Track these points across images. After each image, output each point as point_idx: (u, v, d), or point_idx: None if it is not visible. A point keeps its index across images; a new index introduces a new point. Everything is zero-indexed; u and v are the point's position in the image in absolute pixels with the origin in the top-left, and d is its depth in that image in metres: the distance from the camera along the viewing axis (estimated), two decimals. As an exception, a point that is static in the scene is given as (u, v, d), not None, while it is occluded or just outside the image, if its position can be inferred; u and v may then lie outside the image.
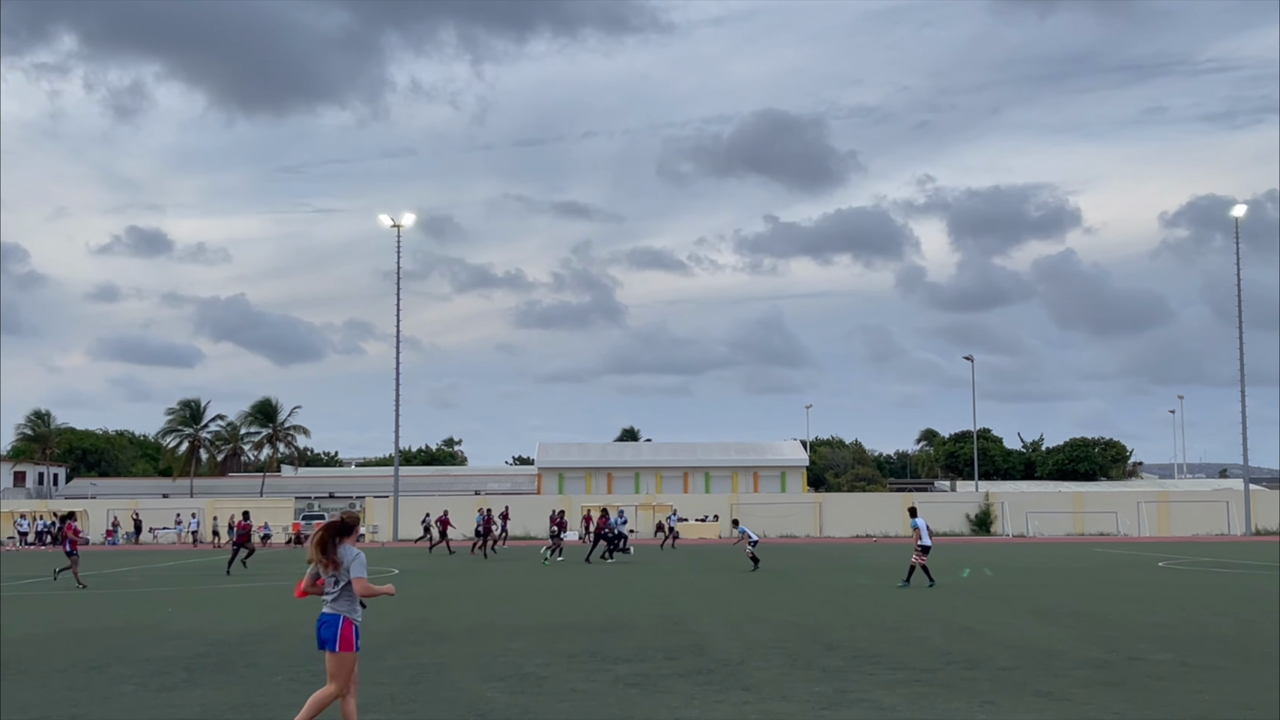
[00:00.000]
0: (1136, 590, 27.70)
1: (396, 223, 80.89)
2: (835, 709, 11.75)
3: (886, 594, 27.24)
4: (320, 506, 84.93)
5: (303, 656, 16.14)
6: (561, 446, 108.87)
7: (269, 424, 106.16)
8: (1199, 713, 11.40)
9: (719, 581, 32.08)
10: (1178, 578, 32.54)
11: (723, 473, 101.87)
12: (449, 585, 31.87)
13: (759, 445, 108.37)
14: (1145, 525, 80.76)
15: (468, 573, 38.44)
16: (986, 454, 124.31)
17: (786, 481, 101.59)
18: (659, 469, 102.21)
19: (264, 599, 27.41)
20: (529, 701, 12.31)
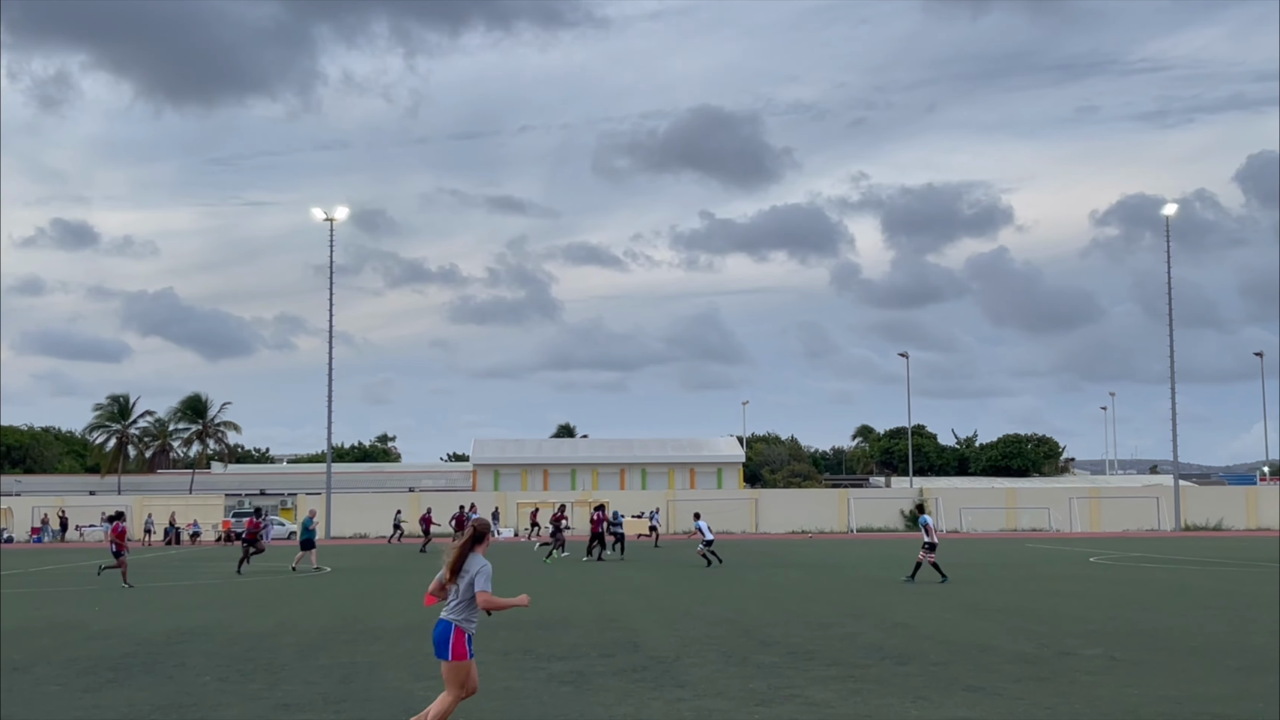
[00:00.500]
0: (1067, 585, 28.00)
1: (329, 216, 79.93)
2: (769, 705, 11.73)
3: (820, 590, 27.35)
4: (251, 504, 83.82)
5: (231, 655, 15.93)
6: (497, 443, 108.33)
7: (199, 420, 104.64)
8: (1127, 707, 11.49)
9: (654, 578, 32.07)
10: (1108, 573, 32.94)
11: (659, 469, 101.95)
12: (382, 583, 31.61)
13: (695, 441, 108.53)
14: (1077, 521, 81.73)
15: (402, 570, 38.17)
16: (921, 450, 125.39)
17: (723, 478, 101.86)
18: (595, 465, 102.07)
19: (192, 598, 27.04)
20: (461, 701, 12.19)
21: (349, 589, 28.92)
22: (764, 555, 45.83)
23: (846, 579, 30.81)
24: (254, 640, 17.75)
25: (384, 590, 28.60)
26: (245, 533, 37.28)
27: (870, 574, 33.18)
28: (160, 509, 77.38)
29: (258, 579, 33.96)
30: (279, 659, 15.57)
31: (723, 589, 27.80)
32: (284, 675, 14.09)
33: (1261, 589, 26.26)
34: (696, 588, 28.20)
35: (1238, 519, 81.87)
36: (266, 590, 29.14)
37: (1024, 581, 29.38)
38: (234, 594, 27.95)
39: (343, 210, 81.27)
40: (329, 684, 13.37)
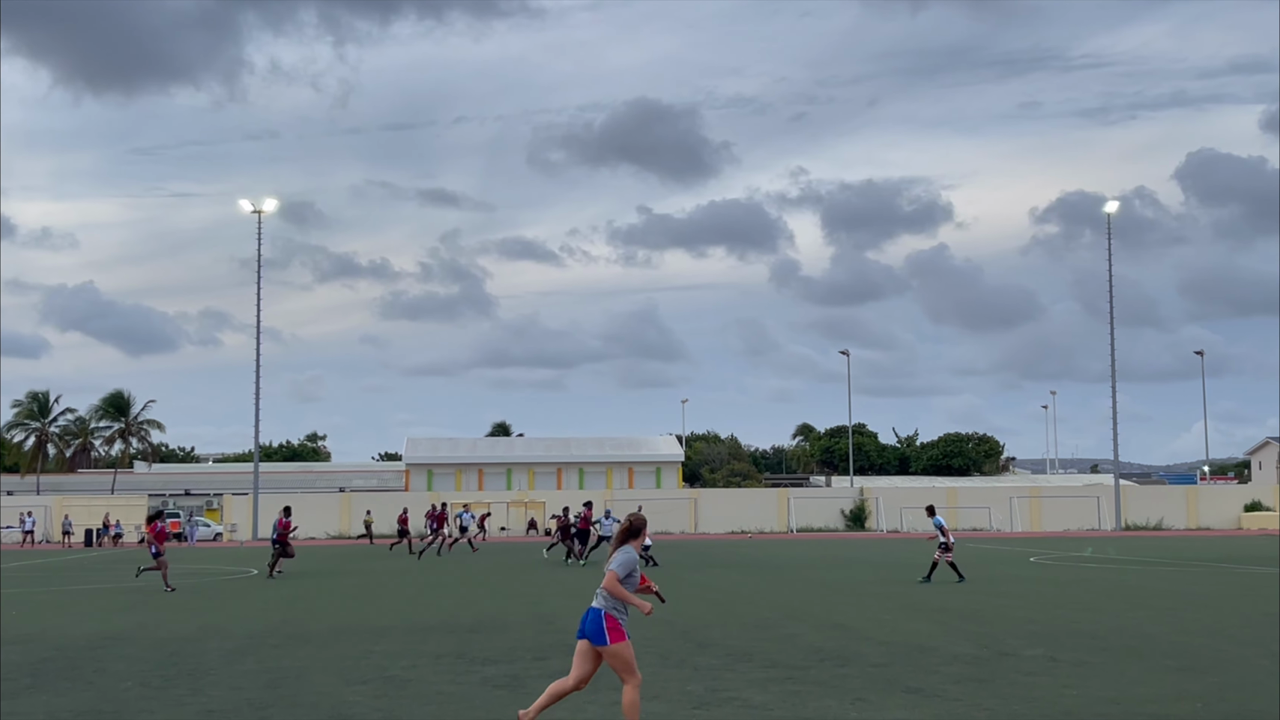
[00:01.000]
0: (1008, 586, 28.07)
1: (257, 208, 78.49)
2: (707, 708, 11.59)
3: (760, 591, 27.23)
4: (175, 504, 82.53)
5: (154, 660, 15.53)
6: (430, 441, 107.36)
7: (121, 418, 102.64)
8: (1066, 708, 11.45)
9: (594, 580, 31.78)
10: (1048, 573, 33.09)
11: (597, 469, 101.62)
12: (311, 586, 31.13)
13: (634, 440, 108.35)
14: (1018, 520, 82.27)
15: (331, 573, 37.66)
16: (862, 449, 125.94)
17: (662, 477, 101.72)
18: (531, 465, 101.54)
19: (114, 601, 26.46)
20: (393, 705, 11.95)
21: (277, 592, 28.43)
22: (703, 556, 45.72)
23: (786, 580, 30.71)
24: (178, 645, 17.31)
25: (313, 593, 28.13)
26: (276, 534, 35.35)
27: (810, 575, 33.12)
28: (80, 510, 75.74)
29: (181, 582, 33.35)
30: (203, 664, 15.19)
31: (661, 590, 27.54)
32: (209, 681, 13.77)
33: (1201, 589, 26.45)
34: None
35: (1178, 519, 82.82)
36: (191, 593, 28.60)
37: (965, 582, 29.40)
38: (157, 597, 27.39)
39: (271, 202, 79.85)
40: (255, 689, 13.07)
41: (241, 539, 74.89)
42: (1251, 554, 43.05)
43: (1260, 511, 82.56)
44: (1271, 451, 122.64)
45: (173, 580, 30.16)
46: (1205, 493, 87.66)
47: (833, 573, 33.24)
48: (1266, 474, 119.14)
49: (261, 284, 78.02)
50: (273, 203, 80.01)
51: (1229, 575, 31.20)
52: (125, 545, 68.64)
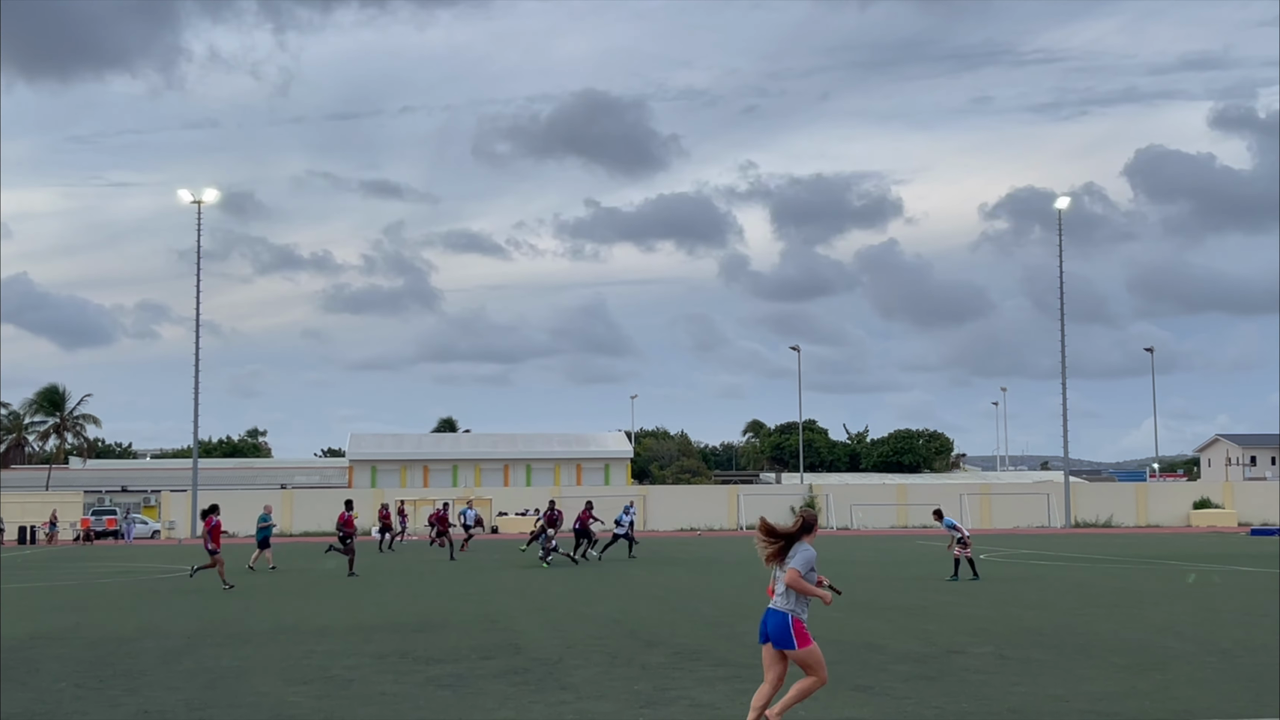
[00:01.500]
0: (956, 583, 28.11)
1: (197, 198, 77.34)
2: (654, 707, 11.49)
3: (709, 589, 27.12)
4: (112, 501, 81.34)
5: (89, 660, 15.22)
6: (375, 438, 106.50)
7: (56, 413, 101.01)
8: (1014, 705, 11.43)
9: (540, 579, 31.58)
10: (997, 570, 33.22)
11: (545, 465, 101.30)
12: (251, 584, 30.72)
13: (582, 436, 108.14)
14: (968, 517, 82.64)
15: (271, 572, 37.21)
16: (812, 446, 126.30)
17: (610, 474, 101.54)
18: (478, 461, 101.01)
19: (48, 600, 25.98)
20: (334, 706, 11.77)
21: (217, 591, 27.99)
22: (652, 553, 45.61)
23: (735, 577, 30.62)
24: (114, 645, 16.97)
25: (253, 592, 27.74)
26: (341, 530, 33.83)
27: (760, 572, 33.04)
28: (13, 506, 74.40)
29: (118, 580, 32.83)
30: (140, 664, 14.89)
31: (609, 589, 27.44)
32: (145, 681, 13.51)
33: (1150, 586, 26.61)
34: (582, 588, 27.81)
35: (1127, 516, 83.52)
36: (128, 592, 28.13)
37: (914, 579, 29.47)
38: (93, 596, 26.93)
39: (212, 193, 78.59)
40: (193, 689, 12.83)
41: (180, 536, 73.95)
42: (1200, 551, 43.48)
43: (1209, 509, 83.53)
44: (1220, 449, 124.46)
45: (108, 578, 29.64)
46: (1155, 490, 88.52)
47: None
48: (1216, 471, 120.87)
49: (201, 276, 77.03)
50: (213, 193, 78.84)
51: (1178, 572, 31.43)
52: (61, 543, 67.56)
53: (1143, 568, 33.19)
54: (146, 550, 55.87)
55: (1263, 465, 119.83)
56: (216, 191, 79.66)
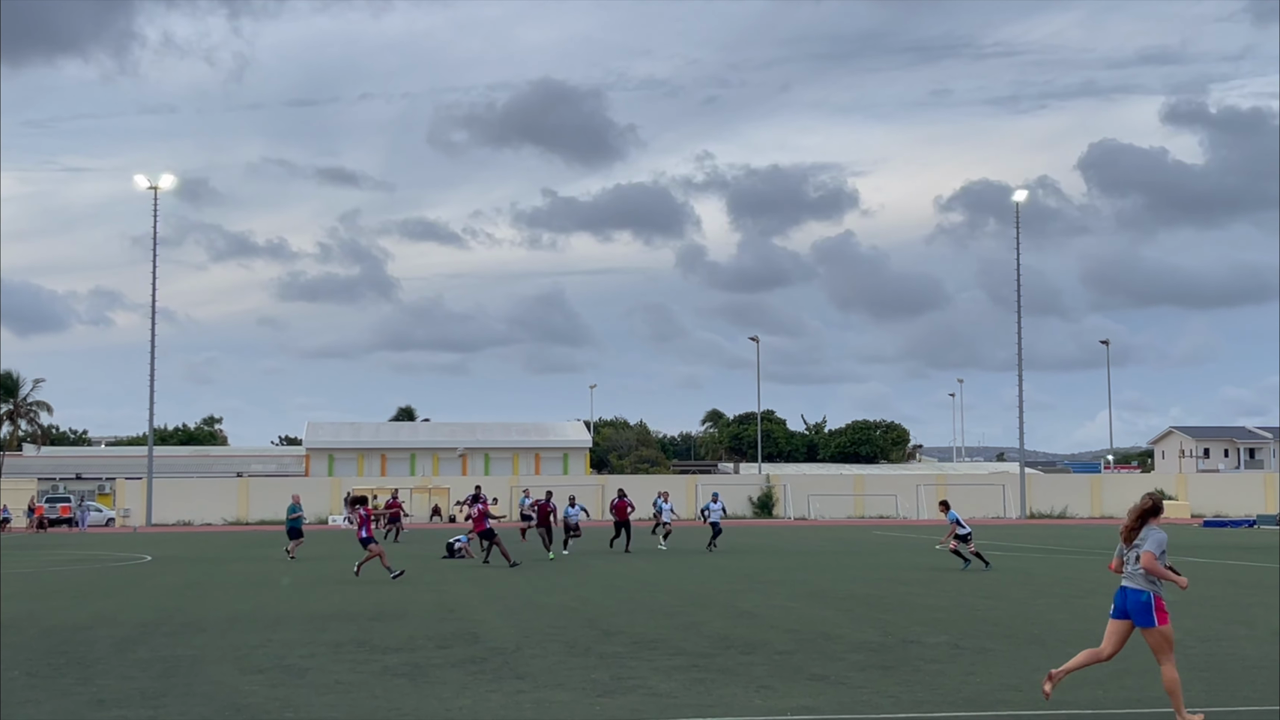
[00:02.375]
0: (912, 573, 28.29)
1: (153, 184, 76.55)
2: (611, 696, 11.49)
3: (665, 578, 27.16)
4: (66, 488, 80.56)
5: (42, 649, 15.09)
6: (332, 426, 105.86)
7: (9, 399, 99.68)
8: (969, 695, 11.52)
9: (497, 569, 31.51)
10: (953, 561, 33.37)
11: (503, 454, 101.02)
12: (206, 573, 30.51)
13: (541, 426, 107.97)
14: (924, 508, 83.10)
15: (224, 559, 36.96)
16: (771, 436, 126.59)
17: (569, 463, 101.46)
18: (436, 450, 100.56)
19: (1, 588, 25.64)
20: (290, 694, 11.71)
21: (171, 580, 27.81)
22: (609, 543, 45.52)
23: (693, 567, 30.68)
24: (67, 633, 16.81)
25: (208, 581, 27.55)
26: (387, 514, 31.80)
27: (717, 562, 33.15)
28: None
29: (72, 568, 32.54)
30: (93, 653, 14.76)
31: (566, 578, 27.44)
32: (99, 670, 13.40)
33: (1103, 577, 26.78)
34: (539, 577, 27.79)
35: (1082, 507, 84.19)
36: (80, 581, 27.87)
37: (870, 569, 29.61)
38: (46, 585, 26.65)
39: (168, 179, 78.04)
40: (147, 679, 12.73)
41: (135, 524, 73.33)
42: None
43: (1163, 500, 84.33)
44: (1174, 441, 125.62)
45: (62, 566, 29.23)
46: (1109, 481, 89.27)
47: (739, 560, 33.29)
48: (1169, 463, 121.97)
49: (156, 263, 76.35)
50: (170, 179, 78.29)
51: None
52: (13, 530, 66.83)
53: (1096, 559, 33.48)
54: (101, 538, 55.40)
55: (1215, 458, 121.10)
56: (173, 178, 79.12)
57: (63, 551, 41.53)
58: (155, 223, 76.15)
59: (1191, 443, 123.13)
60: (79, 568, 32.43)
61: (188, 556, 38.02)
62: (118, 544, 48.10)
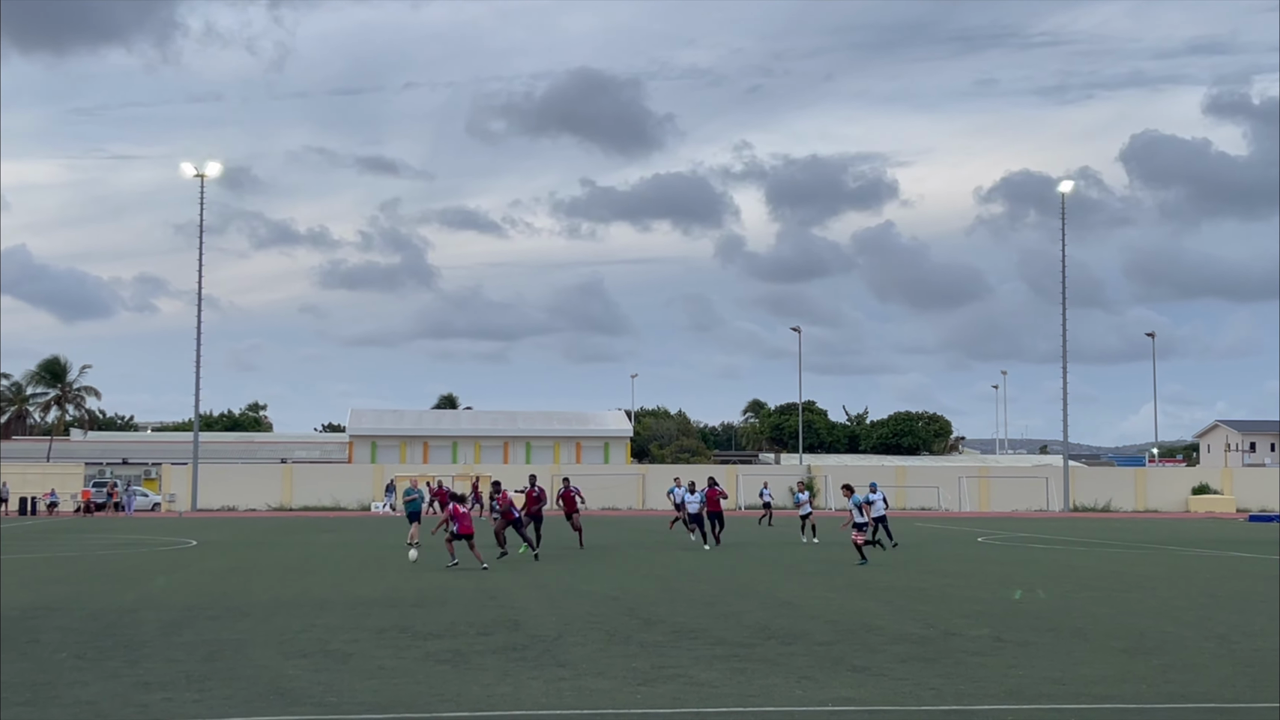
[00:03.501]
0: (954, 565, 28.16)
1: (200, 172, 76.89)
2: (652, 685, 11.48)
3: (706, 567, 27.15)
4: (113, 473, 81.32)
5: (89, 632, 15.25)
6: (375, 413, 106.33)
7: (57, 384, 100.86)
8: (1011, 688, 11.43)
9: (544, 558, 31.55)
10: (996, 553, 33.26)
11: (544, 443, 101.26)
12: (250, 557, 30.75)
13: (582, 415, 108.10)
14: (966, 500, 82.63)
15: (269, 544, 37.25)
16: (812, 427, 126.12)
17: (610, 452, 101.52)
18: (478, 438, 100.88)
19: (49, 571, 25.99)
20: (333, 679, 11.77)
21: (216, 564, 28.05)
22: (650, 533, 45.62)
23: (733, 557, 30.65)
24: (113, 616, 17.00)
25: (252, 565, 27.78)
26: (481, 503, 30.53)
27: (757, 552, 33.11)
28: (14, 477, 74.39)
29: (119, 552, 32.89)
30: (140, 636, 14.92)
31: (607, 567, 27.50)
32: (145, 653, 13.53)
33: (1147, 571, 26.64)
34: (580, 565, 27.86)
35: (1126, 500, 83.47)
36: (127, 564, 28.18)
37: (911, 561, 29.48)
38: (92, 568, 26.96)
39: (214, 166, 78.15)
40: (192, 662, 12.84)
41: (180, 509, 74.03)
42: (1198, 537, 43.56)
43: (1208, 494, 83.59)
44: (1220, 435, 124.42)
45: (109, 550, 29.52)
46: (1154, 475, 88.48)
47: (780, 551, 33.23)
48: (1215, 457, 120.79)
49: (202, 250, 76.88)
50: (216, 167, 78.47)
51: (1175, 557, 31.49)
52: (61, 515, 67.61)
53: (1140, 552, 33.24)
54: (146, 522, 55.97)
55: (1262, 451, 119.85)
56: (219, 165, 79.39)
57: (109, 535, 42.00)
58: (201, 210, 76.52)
59: (1237, 436, 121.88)
60: (125, 552, 32.77)
61: (232, 541, 38.36)
62: (163, 529, 48.58)
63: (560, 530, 36.60)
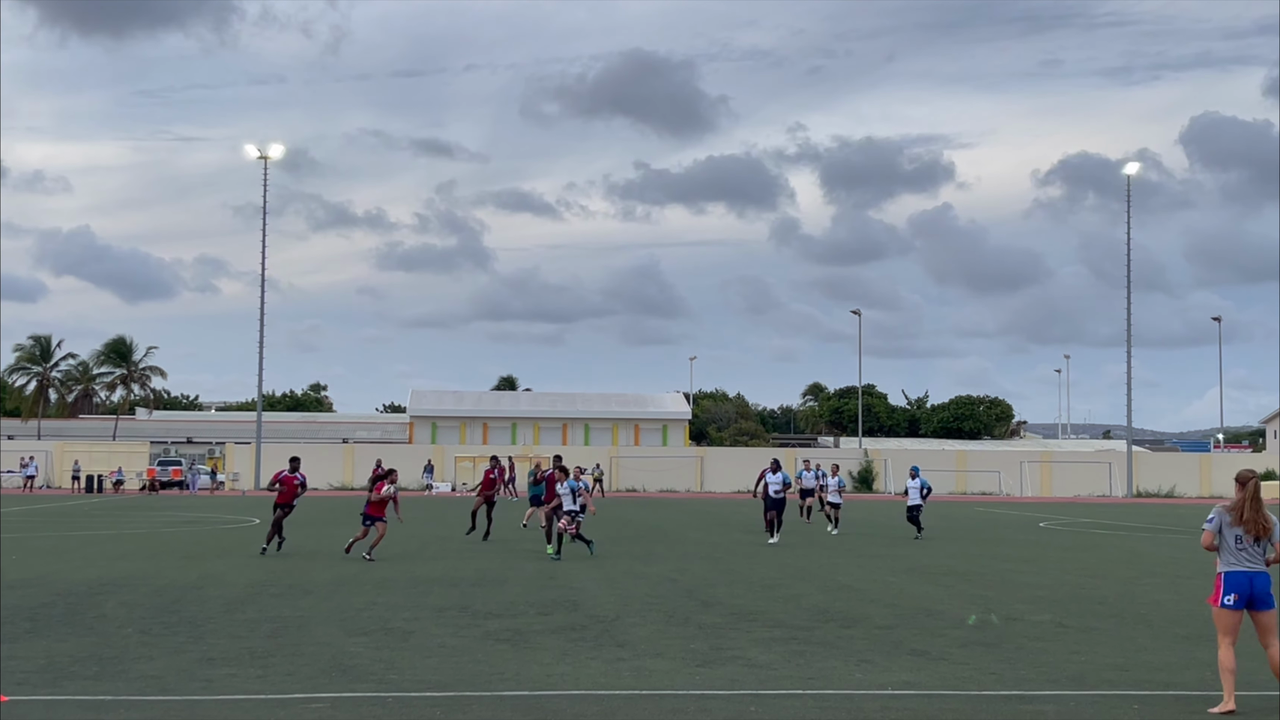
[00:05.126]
0: (1016, 550, 27.93)
1: (264, 154, 77.28)
2: (710, 666, 11.49)
3: (765, 551, 27.10)
4: (177, 451, 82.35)
5: (155, 608, 15.46)
6: (435, 394, 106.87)
7: (123, 364, 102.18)
8: (1074, 673, 11.35)
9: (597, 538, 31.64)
10: (1057, 538, 32.96)
11: (603, 425, 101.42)
12: (313, 536, 31.06)
13: (640, 397, 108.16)
14: (1028, 485, 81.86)
15: (331, 523, 37.56)
16: (871, 410, 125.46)
17: (668, 435, 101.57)
18: (537, 419, 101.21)
19: (115, 548, 26.39)
20: (394, 656, 11.87)
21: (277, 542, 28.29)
22: (709, 515, 45.63)
23: (791, 540, 30.57)
24: (178, 593, 17.23)
25: (314, 544, 28.04)
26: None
27: (815, 536, 33.01)
28: (83, 455, 75.46)
29: (183, 530, 33.32)
30: (204, 612, 15.12)
31: (665, 548, 27.52)
32: (209, 629, 13.72)
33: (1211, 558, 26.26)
34: (638, 547, 27.92)
35: (1190, 486, 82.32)
36: (191, 542, 28.55)
37: (972, 545, 29.29)
38: (157, 545, 27.34)
39: (277, 148, 78.53)
40: (256, 639, 13.00)
41: (244, 488, 74.93)
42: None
43: (1274, 480, 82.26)
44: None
45: (174, 528, 29.71)
46: (1219, 461, 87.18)
47: (839, 536, 33.10)
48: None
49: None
50: (279, 149, 78.96)
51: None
52: (127, 492, 68.65)
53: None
54: (211, 501, 56.72)
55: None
56: (282, 147, 79.88)
57: (173, 513, 42.59)
58: (265, 192, 77.24)
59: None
60: (190, 530, 33.22)
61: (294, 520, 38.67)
62: (226, 507, 49.20)
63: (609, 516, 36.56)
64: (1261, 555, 9.72)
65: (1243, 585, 9.66)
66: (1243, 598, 9.68)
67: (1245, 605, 9.69)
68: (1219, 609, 9.73)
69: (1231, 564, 9.74)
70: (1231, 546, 9.74)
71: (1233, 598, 9.69)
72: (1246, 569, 9.69)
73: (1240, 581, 9.67)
